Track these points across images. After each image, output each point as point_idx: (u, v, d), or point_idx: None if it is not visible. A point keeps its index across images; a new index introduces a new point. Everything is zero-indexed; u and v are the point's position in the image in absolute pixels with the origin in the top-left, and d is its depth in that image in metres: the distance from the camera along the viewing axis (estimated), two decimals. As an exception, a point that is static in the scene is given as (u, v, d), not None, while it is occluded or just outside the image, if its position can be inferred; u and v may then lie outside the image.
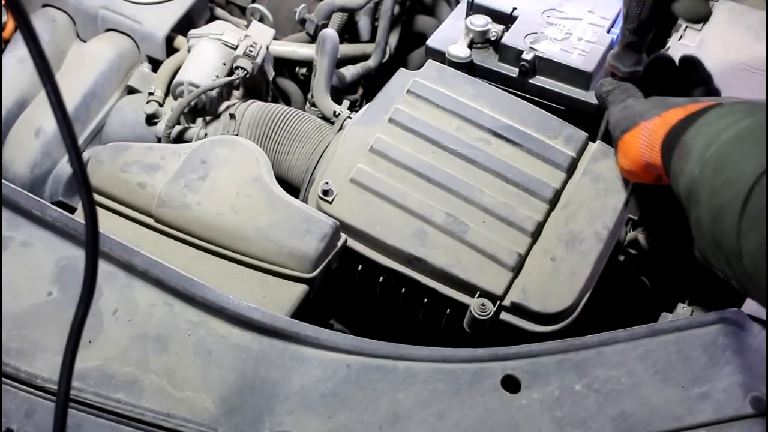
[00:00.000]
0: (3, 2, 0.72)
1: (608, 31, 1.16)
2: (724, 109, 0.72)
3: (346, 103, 1.18)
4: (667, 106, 0.83)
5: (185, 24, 1.25)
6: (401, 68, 1.12)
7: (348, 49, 1.39)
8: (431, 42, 1.18)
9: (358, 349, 0.78)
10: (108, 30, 1.23)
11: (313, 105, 1.21)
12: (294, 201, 0.94)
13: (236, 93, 1.22)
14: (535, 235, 0.96)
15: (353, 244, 0.96)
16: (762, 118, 0.66)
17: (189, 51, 1.20)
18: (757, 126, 0.65)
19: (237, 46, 1.18)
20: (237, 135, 1.11)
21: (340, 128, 1.11)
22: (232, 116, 1.13)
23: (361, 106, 1.30)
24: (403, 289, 0.98)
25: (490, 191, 0.98)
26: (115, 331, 0.77)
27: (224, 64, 1.17)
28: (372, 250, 0.96)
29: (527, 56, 1.10)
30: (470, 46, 1.15)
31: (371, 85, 1.39)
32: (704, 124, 0.72)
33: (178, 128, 1.14)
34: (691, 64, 0.95)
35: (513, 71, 1.13)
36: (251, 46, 1.17)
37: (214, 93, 1.16)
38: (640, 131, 0.85)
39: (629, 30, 0.92)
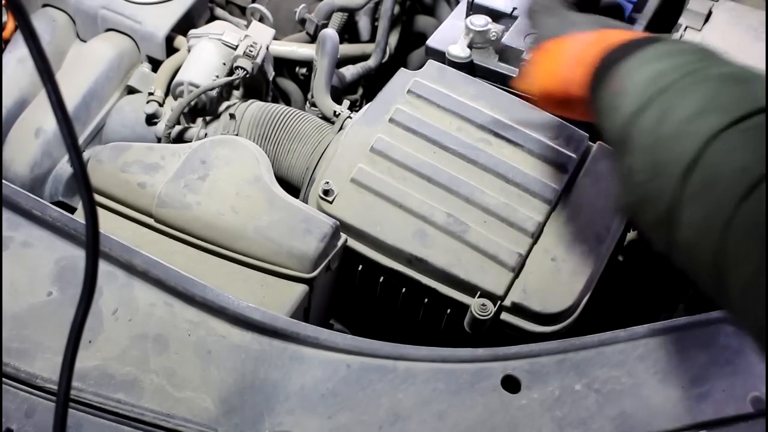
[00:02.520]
0: (3, 2, 0.72)
1: (608, 31, 1.16)
2: (669, 46, 0.63)
3: (346, 103, 1.18)
4: (606, 25, 0.75)
5: (185, 24, 1.25)
6: (402, 68, 1.12)
7: (348, 49, 1.39)
8: (431, 42, 1.18)
9: (358, 349, 0.78)
10: (108, 30, 1.23)
11: (313, 105, 1.21)
12: (294, 201, 0.94)
13: (236, 93, 1.22)
14: (536, 235, 0.96)
15: (353, 244, 0.96)
16: (709, 66, 0.58)
17: (189, 51, 1.20)
18: (707, 73, 0.57)
19: (237, 46, 1.18)
20: (237, 135, 1.11)
21: (341, 128, 1.11)
22: (232, 116, 1.13)
23: (361, 106, 1.30)
24: (404, 289, 0.98)
25: (490, 191, 0.98)
26: (115, 331, 0.77)
27: (224, 64, 1.17)
28: (372, 250, 0.96)
29: (527, 56, 1.10)
30: (470, 46, 1.15)
31: (371, 85, 1.39)
32: (646, 59, 0.62)
33: (178, 128, 1.14)
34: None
35: (513, 71, 1.13)
36: (251, 46, 1.17)
37: (214, 93, 1.16)
38: (572, 39, 0.74)
39: None
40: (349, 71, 1.34)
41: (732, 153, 0.50)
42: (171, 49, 1.24)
